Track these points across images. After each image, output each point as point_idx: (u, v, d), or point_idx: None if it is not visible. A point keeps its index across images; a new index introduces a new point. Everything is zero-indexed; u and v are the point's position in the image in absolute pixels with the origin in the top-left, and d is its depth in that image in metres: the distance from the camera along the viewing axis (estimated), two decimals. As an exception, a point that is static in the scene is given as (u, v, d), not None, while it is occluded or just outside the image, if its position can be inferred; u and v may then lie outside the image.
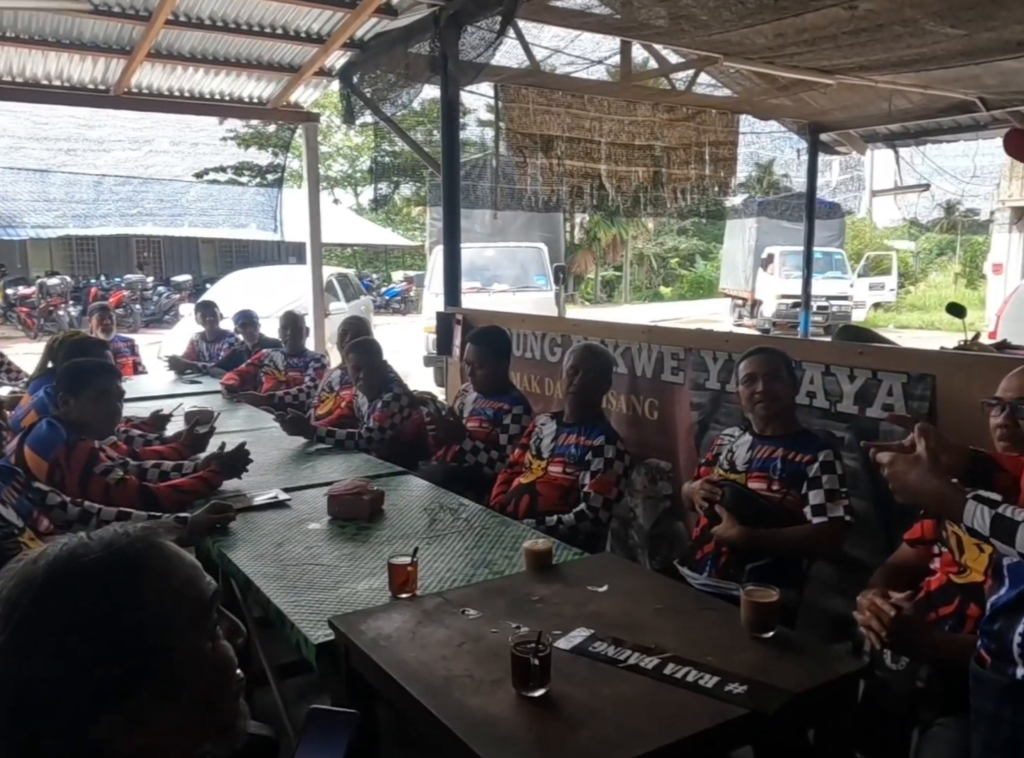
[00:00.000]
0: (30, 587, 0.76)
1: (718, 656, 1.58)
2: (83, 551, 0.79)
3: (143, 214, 8.18)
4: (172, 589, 0.81)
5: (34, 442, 2.60)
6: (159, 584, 0.80)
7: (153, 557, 0.81)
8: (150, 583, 0.79)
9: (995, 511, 1.28)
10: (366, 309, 12.00)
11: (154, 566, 0.81)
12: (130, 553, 0.80)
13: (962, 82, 5.88)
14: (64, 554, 0.78)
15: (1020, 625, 1.27)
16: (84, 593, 0.76)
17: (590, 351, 3.07)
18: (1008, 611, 1.30)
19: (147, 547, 0.82)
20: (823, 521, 2.31)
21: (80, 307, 15.47)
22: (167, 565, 0.82)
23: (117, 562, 0.79)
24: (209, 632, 0.84)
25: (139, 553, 0.81)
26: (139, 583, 0.79)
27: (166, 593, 0.80)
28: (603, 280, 28.43)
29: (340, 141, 25.66)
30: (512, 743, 1.35)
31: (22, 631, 0.75)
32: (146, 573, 0.80)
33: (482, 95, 6.44)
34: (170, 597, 0.80)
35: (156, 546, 0.83)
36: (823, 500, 2.33)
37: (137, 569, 0.79)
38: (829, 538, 2.33)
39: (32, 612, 0.75)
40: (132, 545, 0.81)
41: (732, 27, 4.54)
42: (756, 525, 2.31)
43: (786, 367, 2.54)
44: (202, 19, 5.08)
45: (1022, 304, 9.68)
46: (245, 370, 5.12)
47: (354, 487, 2.63)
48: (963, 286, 22.89)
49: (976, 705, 1.36)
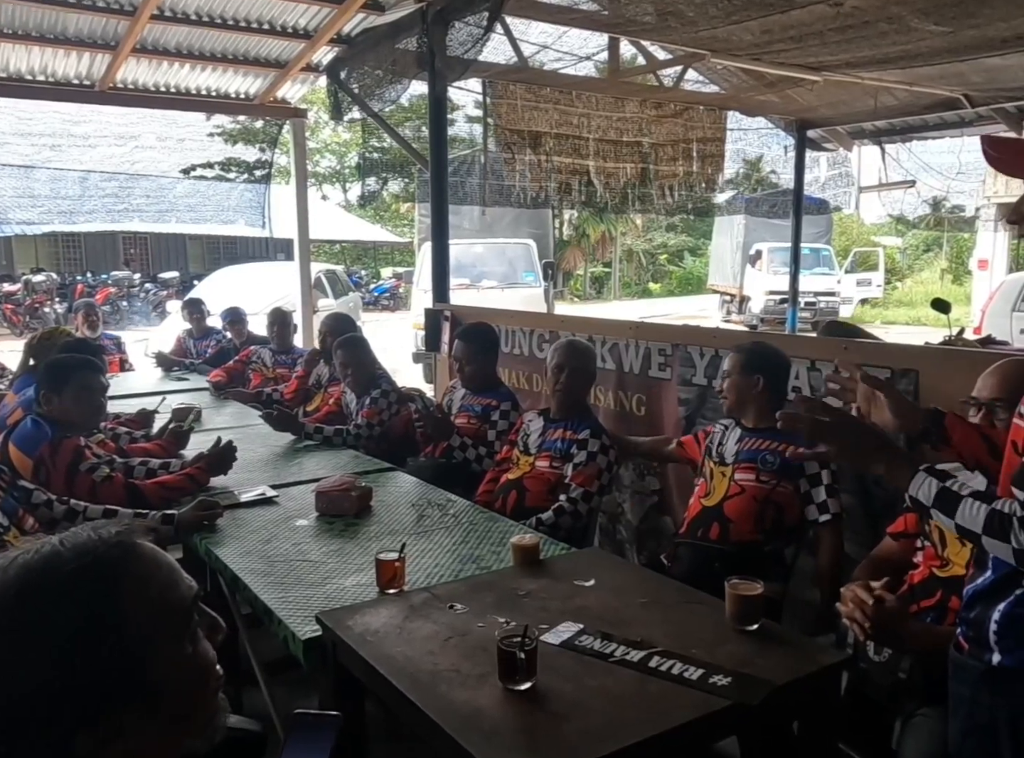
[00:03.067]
0: (2, 599, 0.74)
1: (703, 649, 1.59)
2: (57, 561, 0.76)
3: (130, 210, 8.14)
4: (151, 598, 0.79)
5: (19, 440, 2.58)
6: (138, 593, 0.78)
7: (131, 563, 0.79)
8: (129, 593, 0.77)
9: (943, 484, 1.29)
10: (355, 306, 11.97)
11: (132, 573, 0.79)
12: (106, 561, 0.77)
13: (947, 79, 5.92)
14: (37, 564, 0.76)
15: (995, 612, 1.29)
16: (60, 606, 0.74)
17: (574, 348, 3.07)
18: (985, 597, 1.32)
19: (124, 553, 0.79)
20: (828, 519, 2.41)
21: (66, 304, 15.38)
22: (145, 571, 0.80)
23: (94, 572, 0.76)
24: (190, 636, 0.82)
25: (116, 561, 0.78)
26: (117, 594, 0.77)
27: (145, 603, 0.78)
28: (592, 276, 28.45)
29: (328, 137, 25.56)
30: (498, 736, 1.36)
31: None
32: (124, 582, 0.77)
33: (470, 91, 6.44)
34: (149, 607, 0.78)
35: (133, 551, 0.80)
36: (825, 496, 2.42)
37: (114, 579, 0.77)
38: (839, 538, 2.43)
39: (6, 625, 0.73)
40: (108, 552, 0.78)
41: (719, 24, 4.56)
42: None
43: (741, 367, 2.58)
44: (188, 14, 5.05)
45: (1007, 300, 9.77)
46: (233, 367, 5.11)
47: (342, 483, 2.62)
48: (949, 282, 23.02)
49: (954, 691, 1.38)
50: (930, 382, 2.50)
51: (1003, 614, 1.28)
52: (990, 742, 1.30)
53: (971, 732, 1.35)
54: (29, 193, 8.33)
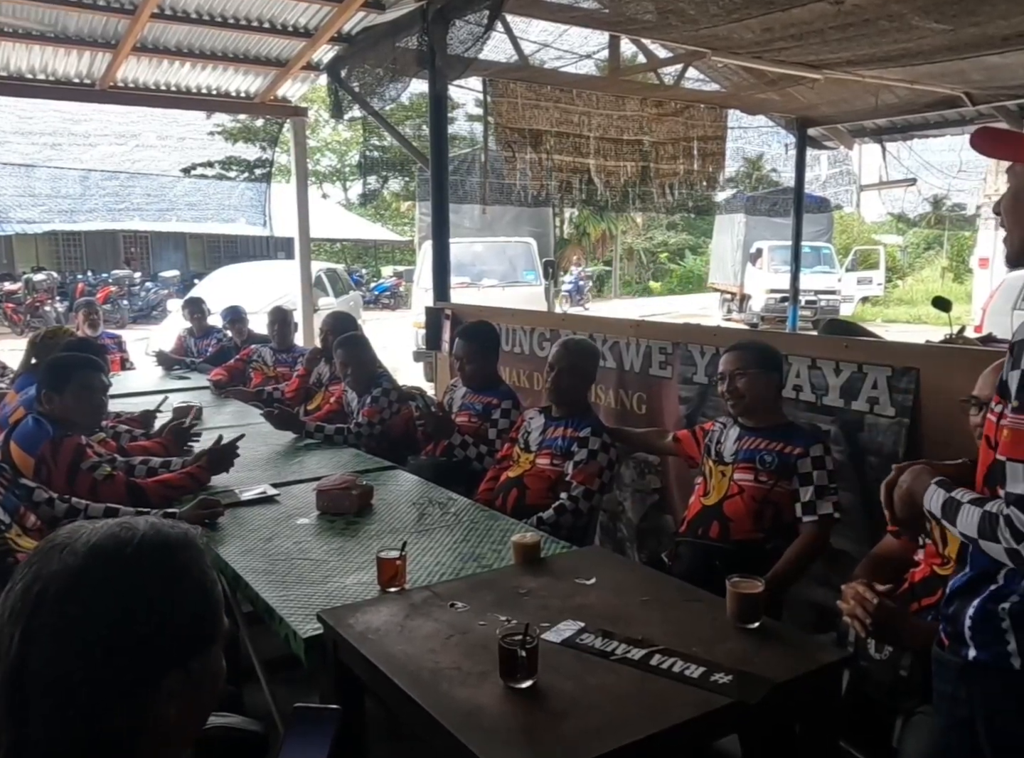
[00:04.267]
0: (141, 550, 0.85)
1: (704, 647, 1.59)
2: (167, 531, 0.89)
3: (130, 209, 8.13)
4: (211, 572, 0.91)
5: (20, 438, 2.59)
6: (208, 564, 0.91)
7: (198, 545, 0.91)
8: (205, 562, 0.90)
9: (949, 494, 1.32)
10: (355, 304, 11.96)
11: (200, 550, 0.91)
12: (191, 536, 0.91)
13: (948, 77, 5.92)
14: (157, 534, 0.88)
15: (971, 607, 1.30)
16: (176, 559, 0.87)
17: (565, 348, 3.06)
18: (962, 594, 1.33)
19: (191, 535, 0.91)
20: (812, 520, 2.35)
21: (67, 303, 15.37)
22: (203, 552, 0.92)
23: (190, 540, 0.90)
24: (222, 635, 0.91)
25: (194, 539, 0.91)
26: (204, 559, 0.90)
27: (211, 572, 0.91)
28: (593, 275, 28.43)
29: (328, 136, 25.53)
30: (499, 734, 1.36)
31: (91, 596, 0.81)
32: (203, 554, 0.90)
33: (470, 90, 6.43)
34: (213, 577, 0.91)
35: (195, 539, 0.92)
36: (813, 497, 2.36)
37: (198, 549, 0.90)
38: (818, 540, 2.37)
39: (147, 568, 0.84)
40: (187, 533, 0.91)
41: (720, 22, 4.56)
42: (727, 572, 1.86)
43: (757, 364, 2.53)
44: (188, 13, 5.05)
45: (1008, 298, 9.75)
46: (233, 366, 5.11)
47: (343, 482, 2.63)
48: (950, 280, 23.00)
49: (937, 687, 1.39)
50: (931, 380, 2.50)
51: (976, 609, 1.29)
52: (969, 737, 1.31)
53: (952, 728, 1.36)
54: (30, 192, 8.33)
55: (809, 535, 2.36)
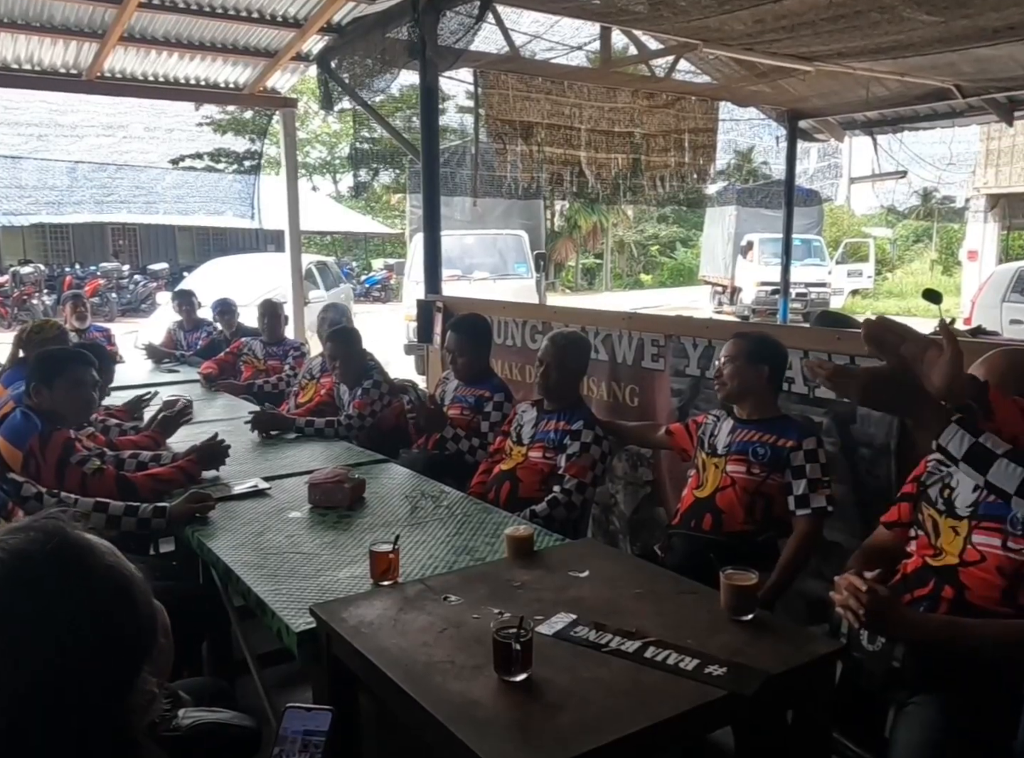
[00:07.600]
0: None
1: (698, 639, 1.59)
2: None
3: (118, 201, 8.09)
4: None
5: (8, 432, 2.56)
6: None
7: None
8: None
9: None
10: (346, 297, 11.92)
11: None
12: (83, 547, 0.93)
13: (938, 69, 5.92)
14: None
15: None
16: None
17: (553, 343, 3.03)
18: None
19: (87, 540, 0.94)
20: (806, 513, 2.37)
21: (54, 296, 15.25)
22: None
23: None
24: None
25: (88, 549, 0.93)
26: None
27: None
28: (584, 268, 28.42)
29: (318, 127, 25.38)
30: (493, 726, 1.36)
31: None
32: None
33: (461, 81, 6.40)
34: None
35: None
36: (806, 490, 2.38)
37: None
38: (812, 533, 2.38)
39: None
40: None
41: (711, 13, 4.54)
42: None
43: (746, 354, 2.53)
44: (176, 2, 4.99)
45: (997, 290, 9.82)
46: (224, 359, 5.08)
47: (335, 475, 2.62)
48: (939, 273, 23.10)
49: None
50: (922, 372, 2.50)
51: None
52: None
53: None
54: (16, 183, 8.27)
55: (803, 529, 2.37)
